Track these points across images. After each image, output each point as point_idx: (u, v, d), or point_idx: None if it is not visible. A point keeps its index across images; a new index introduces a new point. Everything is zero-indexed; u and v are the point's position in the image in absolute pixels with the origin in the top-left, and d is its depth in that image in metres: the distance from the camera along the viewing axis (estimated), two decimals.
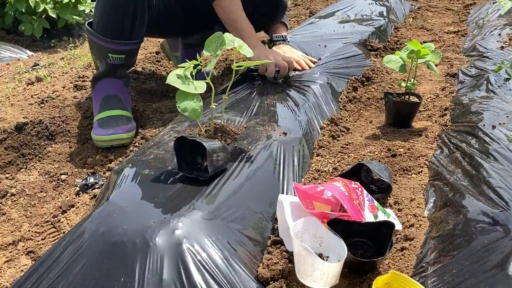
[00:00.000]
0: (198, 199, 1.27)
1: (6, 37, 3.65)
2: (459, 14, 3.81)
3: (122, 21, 1.98)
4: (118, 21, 1.98)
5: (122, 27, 1.99)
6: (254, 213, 1.34)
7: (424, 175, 1.64)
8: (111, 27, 1.99)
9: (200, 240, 1.14)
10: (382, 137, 1.91)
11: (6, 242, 1.51)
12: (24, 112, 2.12)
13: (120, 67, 2.07)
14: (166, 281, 1.05)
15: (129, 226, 1.15)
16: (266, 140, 1.61)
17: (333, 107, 2.11)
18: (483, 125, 1.70)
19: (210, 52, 1.46)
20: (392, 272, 1.04)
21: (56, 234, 1.53)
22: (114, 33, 1.99)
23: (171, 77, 1.41)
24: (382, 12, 3.36)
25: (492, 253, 1.07)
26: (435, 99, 2.24)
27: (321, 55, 2.46)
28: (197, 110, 1.41)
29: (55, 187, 1.79)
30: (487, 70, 2.29)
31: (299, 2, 4.38)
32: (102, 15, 1.99)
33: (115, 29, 1.99)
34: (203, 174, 1.35)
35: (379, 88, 2.39)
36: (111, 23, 1.98)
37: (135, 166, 1.45)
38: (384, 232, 1.22)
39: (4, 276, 1.38)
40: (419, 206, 1.48)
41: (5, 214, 1.65)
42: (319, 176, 1.63)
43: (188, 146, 1.38)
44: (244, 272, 1.13)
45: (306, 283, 1.14)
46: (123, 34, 2.00)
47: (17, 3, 3.48)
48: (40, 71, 2.76)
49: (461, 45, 3.00)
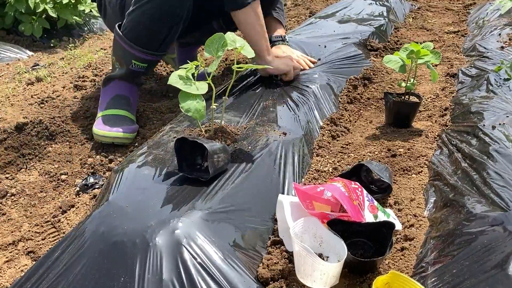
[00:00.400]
0: (198, 199, 1.27)
1: (6, 37, 3.65)
2: (459, 14, 3.81)
3: (158, 34, 1.96)
4: (154, 34, 1.96)
5: (155, 39, 1.98)
6: (254, 214, 1.34)
7: (424, 175, 1.64)
8: (145, 36, 1.97)
9: (200, 240, 1.14)
10: (382, 137, 1.91)
11: (6, 242, 1.51)
12: (24, 112, 2.12)
13: (139, 74, 2.09)
14: (166, 281, 1.05)
15: (129, 226, 1.15)
16: (266, 140, 1.61)
17: (333, 107, 2.11)
18: (483, 125, 1.70)
19: (211, 53, 1.45)
20: (392, 272, 1.04)
21: (56, 234, 1.53)
22: (145, 43, 1.97)
23: (173, 78, 1.41)
24: (382, 12, 3.36)
25: (492, 253, 1.07)
26: (435, 99, 2.24)
27: (321, 55, 2.46)
28: (200, 110, 1.41)
29: (55, 187, 1.79)
30: (487, 70, 2.29)
31: (299, 2, 4.38)
32: (138, 22, 1.95)
33: (148, 40, 1.98)
34: (203, 175, 1.35)
35: (379, 88, 2.39)
36: (146, 33, 1.96)
37: (135, 166, 1.45)
38: (384, 232, 1.22)
39: (4, 276, 1.38)
40: (419, 206, 1.48)
41: (5, 214, 1.65)
42: (319, 176, 1.63)
43: (188, 146, 1.38)
44: (244, 272, 1.13)
45: (306, 283, 1.14)
46: (153, 45, 1.99)
47: (17, 3, 3.48)
48: (40, 71, 2.76)
49: (461, 45, 3.00)
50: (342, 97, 2.22)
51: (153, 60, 2.06)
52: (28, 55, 3.41)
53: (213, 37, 1.46)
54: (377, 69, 2.54)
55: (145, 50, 1.97)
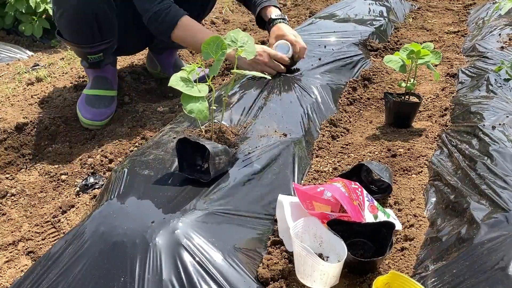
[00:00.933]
0: (198, 199, 1.27)
1: (6, 37, 3.65)
2: (459, 14, 3.81)
3: (90, 28, 2.02)
4: (85, 29, 2.02)
5: (92, 33, 2.04)
6: (254, 214, 1.34)
7: (424, 175, 1.64)
8: (81, 35, 2.05)
9: (200, 241, 1.14)
10: (382, 137, 1.91)
11: (6, 242, 1.51)
12: (24, 112, 2.13)
13: (101, 61, 2.18)
14: (166, 281, 1.05)
15: (129, 226, 1.15)
16: (266, 141, 1.61)
17: (333, 108, 2.11)
18: (483, 125, 1.70)
19: (208, 56, 1.43)
20: (392, 272, 1.04)
21: (56, 234, 1.53)
22: (85, 39, 2.06)
23: (174, 80, 1.40)
24: (382, 12, 3.36)
25: (492, 253, 1.07)
26: (435, 99, 2.24)
27: (321, 55, 2.46)
28: (204, 111, 1.39)
29: (55, 187, 1.79)
30: (487, 70, 2.29)
31: (299, 2, 4.38)
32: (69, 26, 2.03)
33: (85, 37, 2.05)
34: (204, 176, 1.35)
35: (379, 88, 2.38)
36: (78, 32, 2.04)
37: (135, 166, 1.45)
38: (384, 232, 1.22)
39: (4, 276, 1.38)
40: (419, 206, 1.48)
41: (5, 214, 1.65)
42: (319, 177, 1.63)
43: (189, 147, 1.38)
44: (244, 272, 1.13)
45: (306, 283, 1.14)
46: (94, 38, 2.06)
47: (17, 3, 3.48)
48: (40, 71, 2.76)
49: (461, 45, 3.00)
50: (342, 97, 2.22)
51: (105, 48, 2.13)
52: (28, 55, 3.41)
53: (209, 40, 1.40)
54: (377, 69, 2.53)
55: (89, 45, 2.06)
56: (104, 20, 2.04)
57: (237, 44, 1.47)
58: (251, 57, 1.49)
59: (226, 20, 3.92)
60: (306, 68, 2.29)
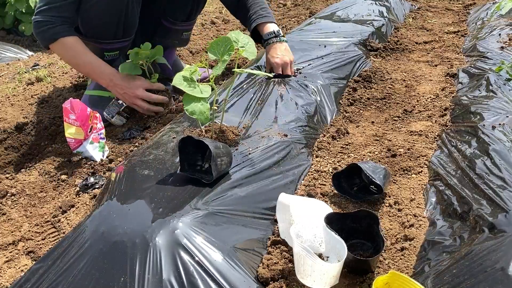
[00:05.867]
0: (199, 199, 1.27)
1: (6, 37, 3.65)
2: (459, 14, 3.81)
3: (117, 22, 2.04)
4: (112, 23, 2.04)
5: (116, 31, 2.07)
6: (254, 214, 1.34)
7: (424, 175, 1.64)
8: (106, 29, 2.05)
9: (200, 240, 1.14)
10: (382, 137, 1.91)
11: (6, 242, 1.51)
12: (24, 112, 2.13)
13: (116, 59, 2.20)
14: (166, 280, 1.05)
15: (129, 226, 1.15)
16: (267, 141, 1.61)
17: (333, 107, 2.11)
18: (483, 125, 1.70)
19: (215, 55, 1.43)
20: (392, 272, 1.04)
21: (56, 234, 1.53)
22: (108, 36, 2.07)
23: (177, 79, 1.40)
24: (382, 12, 3.36)
25: (492, 253, 1.07)
26: (435, 99, 2.24)
27: (321, 55, 2.46)
28: (205, 112, 1.38)
29: (55, 187, 1.79)
30: (487, 70, 2.28)
31: (299, 2, 4.38)
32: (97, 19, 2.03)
33: (109, 31, 2.06)
34: (205, 177, 1.34)
35: (379, 88, 2.39)
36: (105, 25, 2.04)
37: (135, 166, 1.45)
38: (376, 228, 1.24)
39: (4, 276, 1.38)
40: (419, 206, 1.48)
41: (5, 214, 1.65)
42: (319, 177, 1.63)
43: (190, 146, 1.38)
44: (244, 272, 1.13)
45: (306, 283, 1.14)
46: (116, 35, 2.08)
47: (17, 3, 3.48)
48: (40, 71, 2.76)
49: (461, 45, 3.00)
50: (342, 97, 2.22)
51: (123, 46, 2.16)
52: (28, 55, 3.41)
53: (218, 40, 1.43)
54: (377, 69, 2.54)
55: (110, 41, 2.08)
56: (131, 16, 2.07)
57: (238, 45, 1.48)
58: (252, 57, 1.51)
59: (226, 20, 3.92)
60: (306, 69, 2.29)
